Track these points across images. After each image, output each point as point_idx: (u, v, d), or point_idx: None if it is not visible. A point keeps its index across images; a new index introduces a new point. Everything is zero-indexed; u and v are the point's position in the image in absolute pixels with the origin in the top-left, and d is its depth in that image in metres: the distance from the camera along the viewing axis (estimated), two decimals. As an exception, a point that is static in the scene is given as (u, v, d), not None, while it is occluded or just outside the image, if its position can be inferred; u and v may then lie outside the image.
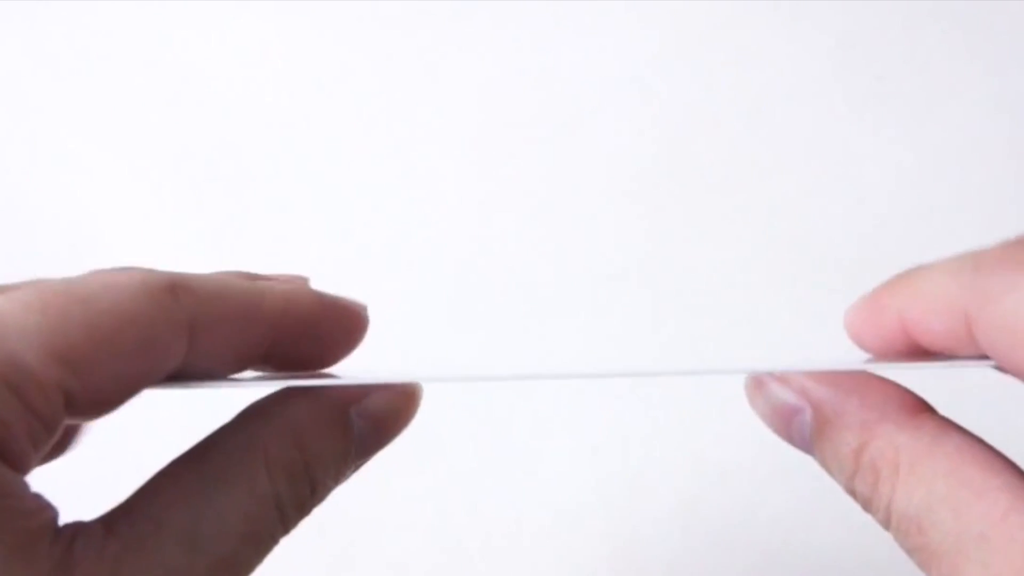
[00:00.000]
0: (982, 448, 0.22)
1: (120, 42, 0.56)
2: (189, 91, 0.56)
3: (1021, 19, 0.54)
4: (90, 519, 0.22)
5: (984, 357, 0.22)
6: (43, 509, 0.20)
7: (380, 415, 0.25)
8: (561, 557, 0.50)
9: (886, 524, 0.23)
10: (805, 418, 0.24)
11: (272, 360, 0.24)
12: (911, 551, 0.22)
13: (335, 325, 0.25)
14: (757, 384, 0.25)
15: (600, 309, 0.52)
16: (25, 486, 0.20)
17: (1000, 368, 0.22)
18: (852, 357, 0.24)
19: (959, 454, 0.22)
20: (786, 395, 0.24)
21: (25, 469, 0.20)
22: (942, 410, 0.24)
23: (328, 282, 0.54)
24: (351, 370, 0.26)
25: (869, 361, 0.24)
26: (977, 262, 0.22)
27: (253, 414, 0.24)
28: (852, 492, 0.24)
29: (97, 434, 0.25)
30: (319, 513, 0.25)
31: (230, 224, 0.55)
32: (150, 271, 0.22)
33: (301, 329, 0.24)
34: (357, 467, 0.25)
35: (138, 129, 0.55)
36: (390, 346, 0.52)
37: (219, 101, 0.56)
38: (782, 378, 0.24)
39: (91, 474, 0.34)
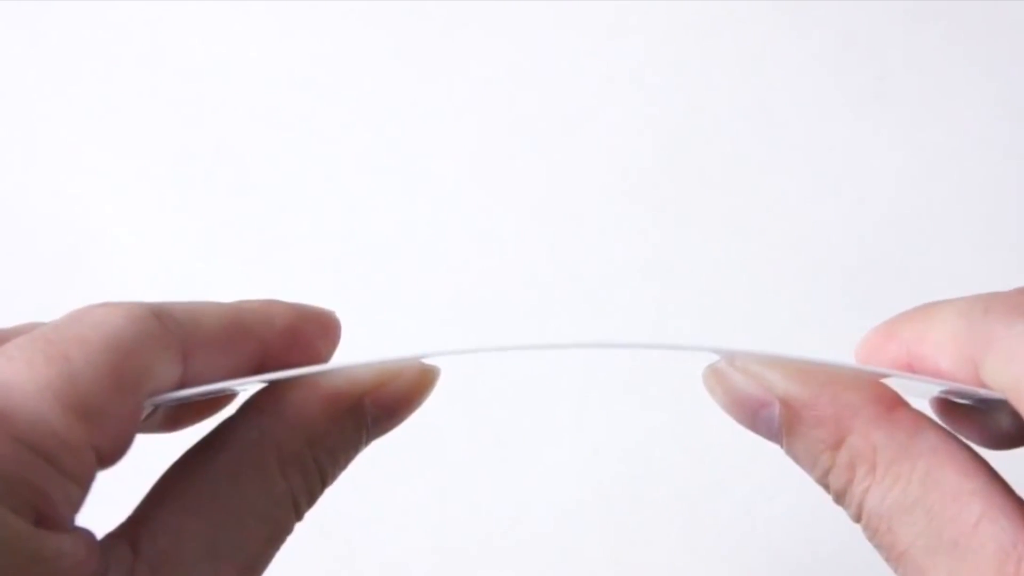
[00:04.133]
0: (958, 446, 0.22)
1: (120, 42, 0.56)
2: (189, 91, 0.56)
3: (1021, 19, 0.54)
4: (115, 530, 0.22)
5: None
6: (89, 556, 0.20)
7: (395, 402, 0.24)
8: (561, 557, 0.50)
9: (856, 519, 0.23)
10: (773, 412, 0.23)
11: (264, 371, 0.24)
12: (878, 547, 0.22)
13: (314, 329, 0.25)
14: (717, 375, 0.24)
15: (601, 310, 0.52)
16: (71, 542, 0.20)
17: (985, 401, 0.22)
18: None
19: (934, 454, 0.22)
20: (751, 388, 0.24)
21: (69, 528, 0.20)
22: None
23: (328, 282, 0.54)
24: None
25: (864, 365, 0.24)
26: (988, 305, 0.22)
27: (261, 407, 0.24)
28: (825, 485, 0.23)
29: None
30: (319, 513, 0.24)
31: (231, 223, 0.55)
32: (129, 303, 0.22)
33: (284, 338, 0.24)
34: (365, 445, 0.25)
35: (138, 129, 0.55)
36: (389, 346, 0.52)
37: (219, 101, 0.56)
38: (745, 370, 0.24)
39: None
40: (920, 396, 0.24)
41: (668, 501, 0.50)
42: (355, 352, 0.24)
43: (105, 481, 0.21)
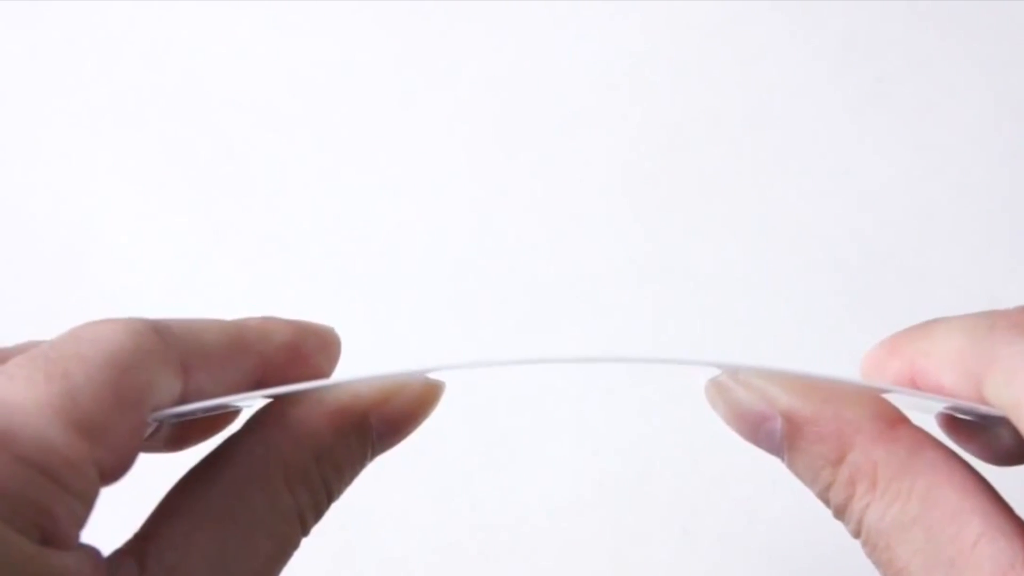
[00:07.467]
0: (959, 464, 0.22)
1: (120, 42, 0.56)
2: (190, 92, 0.56)
3: (1021, 19, 0.54)
4: (122, 547, 0.22)
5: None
6: (94, 574, 0.20)
7: (400, 417, 0.24)
8: (561, 557, 0.50)
9: (856, 535, 0.23)
10: (775, 425, 0.23)
11: (265, 387, 0.24)
12: (877, 564, 0.22)
13: (313, 345, 0.25)
14: (719, 388, 0.24)
15: (600, 311, 0.52)
16: (76, 560, 0.20)
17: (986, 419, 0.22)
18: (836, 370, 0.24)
19: (934, 471, 0.22)
20: (754, 402, 0.24)
21: (74, 546, 0.20)
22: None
23: (329, 283, 0.54)
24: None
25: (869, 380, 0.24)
26: (993, 323, 0.22)
27: (266, 423, 0.24)
28: (825, 500, 0.23)
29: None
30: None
31: (232, 226, 0.55)
32: (128, 318, 0.22)
33: (284, 353, 0.24)
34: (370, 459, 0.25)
35: (138, 129, 0.55)
36: (389, 346, 0.52)
37: (219, 101, 0.56)
38: (748, 384, 0.24)
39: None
40: (923, 411, 0.24)
41: (668, 501, 0.50)
42: (359, 365, 0.24)
43: (111, 498, 0.21)
